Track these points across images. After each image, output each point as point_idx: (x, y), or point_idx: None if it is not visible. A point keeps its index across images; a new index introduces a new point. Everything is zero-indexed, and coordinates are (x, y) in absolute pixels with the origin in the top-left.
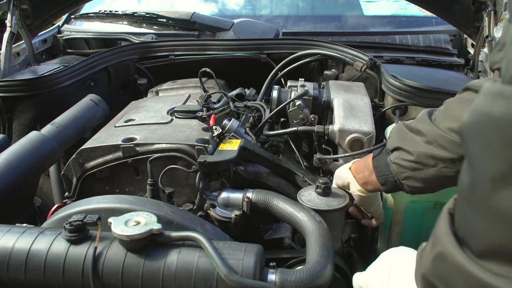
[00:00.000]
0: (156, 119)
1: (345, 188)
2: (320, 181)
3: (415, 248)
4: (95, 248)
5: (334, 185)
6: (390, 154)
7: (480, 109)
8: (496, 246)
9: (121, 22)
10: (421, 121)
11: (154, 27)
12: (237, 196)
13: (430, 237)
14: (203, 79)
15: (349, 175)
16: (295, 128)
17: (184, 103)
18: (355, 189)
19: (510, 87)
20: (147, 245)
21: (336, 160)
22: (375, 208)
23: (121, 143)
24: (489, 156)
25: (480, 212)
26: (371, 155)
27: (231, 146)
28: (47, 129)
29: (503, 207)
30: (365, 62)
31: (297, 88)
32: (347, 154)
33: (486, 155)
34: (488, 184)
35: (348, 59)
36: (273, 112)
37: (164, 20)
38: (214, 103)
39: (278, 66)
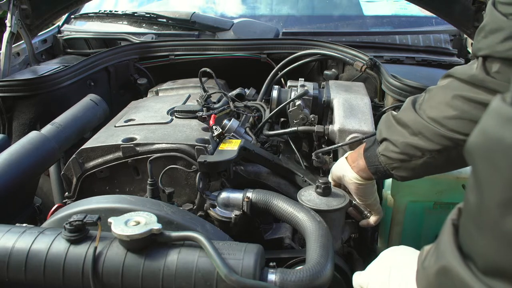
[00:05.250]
0: (156, 119)
1: (341, 182)
2: (320, 181)
3: (415, 247)
4: (95, 248)
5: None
6: (379, 145)
7: (489, 132)
8: (502, 266)
9: (121, 22)
10: (406, 110)
11: (154, 27)
12: (237, 196)
13: (434, 249)
14: (203, 79)
15: (345, 164)
16: (295, 128)
17: (184, 103)
18: (352, 177)
19: None
20: (147, 245)
21: (335, 160)
22: (372, 200)
23: (121, 143)
24: (499, 181)
25: (487, 233)
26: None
27: (231, 146)
28: (47, 129)
29: (511, 232)
30: (365, 62)
31: (297, 88)
32: (339, 144)
33: (495, 179)
34: (496, 209)
35: (348, 59)
36: (273, 112)
37: (164, 20)
38: (214, 103)
39: (278, 66)
